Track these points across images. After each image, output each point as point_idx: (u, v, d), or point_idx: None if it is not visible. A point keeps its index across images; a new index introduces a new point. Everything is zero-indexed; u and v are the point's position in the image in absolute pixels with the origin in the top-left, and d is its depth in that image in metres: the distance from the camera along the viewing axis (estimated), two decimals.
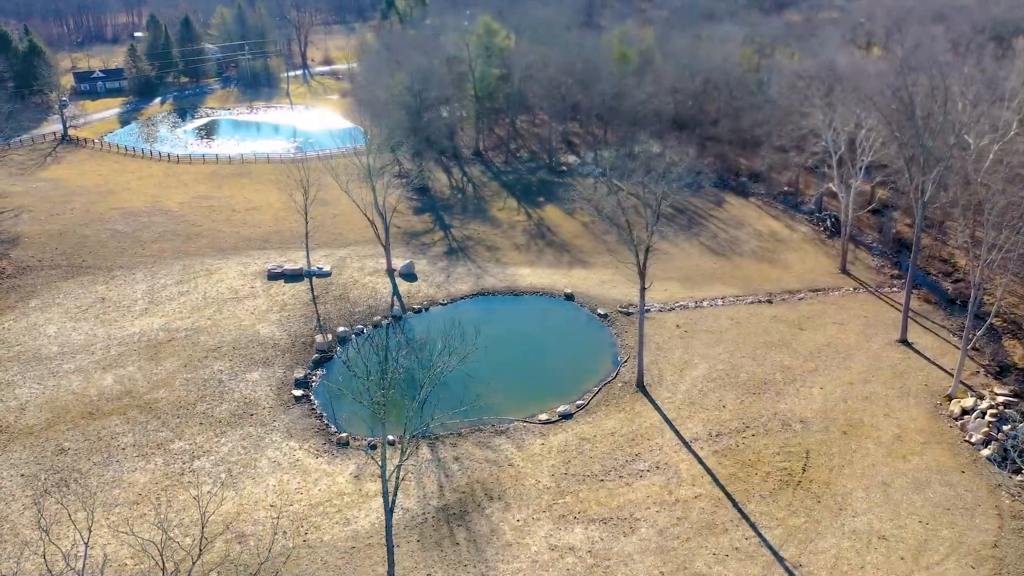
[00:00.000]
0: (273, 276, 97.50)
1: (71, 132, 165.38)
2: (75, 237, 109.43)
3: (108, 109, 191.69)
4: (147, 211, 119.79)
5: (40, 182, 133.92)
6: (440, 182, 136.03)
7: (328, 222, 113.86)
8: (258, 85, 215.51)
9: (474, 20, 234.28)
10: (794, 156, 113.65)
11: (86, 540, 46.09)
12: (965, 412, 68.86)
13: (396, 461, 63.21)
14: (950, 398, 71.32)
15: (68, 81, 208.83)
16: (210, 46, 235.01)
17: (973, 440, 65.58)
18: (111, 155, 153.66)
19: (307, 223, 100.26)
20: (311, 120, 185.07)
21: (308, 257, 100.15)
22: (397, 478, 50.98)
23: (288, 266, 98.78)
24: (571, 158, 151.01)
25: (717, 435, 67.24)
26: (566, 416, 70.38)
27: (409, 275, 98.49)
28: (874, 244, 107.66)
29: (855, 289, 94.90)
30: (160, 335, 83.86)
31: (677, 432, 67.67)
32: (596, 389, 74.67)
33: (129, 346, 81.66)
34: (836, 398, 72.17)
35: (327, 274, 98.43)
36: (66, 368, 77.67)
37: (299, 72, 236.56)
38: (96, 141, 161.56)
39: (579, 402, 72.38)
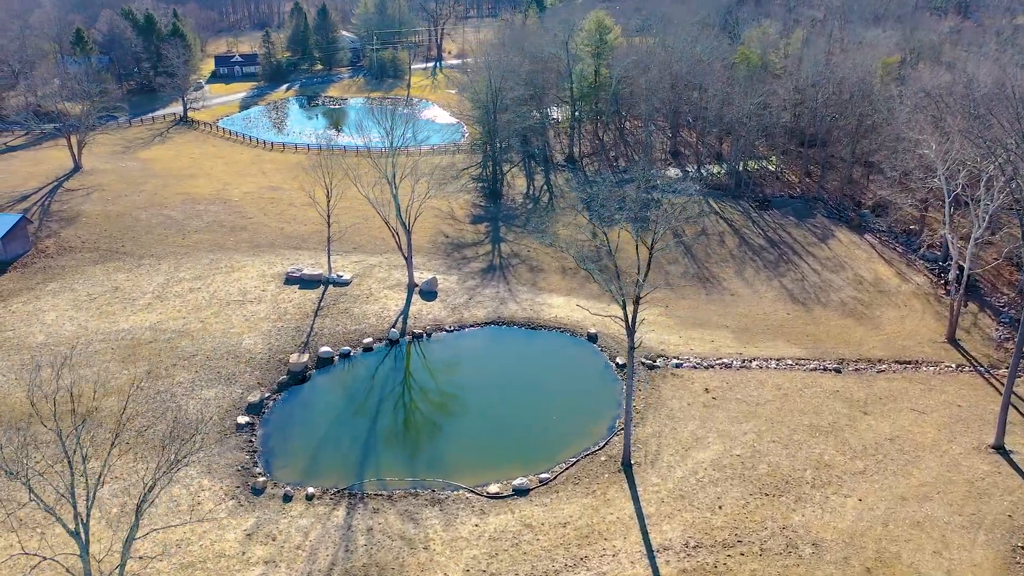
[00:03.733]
0: (290, 280, 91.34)
1: (190, 114, 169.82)
2: (128, 220, 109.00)
3: (235, 93, 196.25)
4: (208, 199, 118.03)
5: (132, 162, 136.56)
6: (515, 188, 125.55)
7: (373, 224, 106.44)
8: (384, 76, 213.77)
9: (619, 15, 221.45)
10: (898, 193, 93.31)
11: None
12: None
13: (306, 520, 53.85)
14: None
15: (209, 66, 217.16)
16: (347, 34, 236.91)
17: None
18: (214, 139, 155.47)
19: (329, 227, 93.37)
20: (421, 114, 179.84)
21: (329, 263, 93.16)
22: None
23: (308, 271, 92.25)
24: (673, 171, 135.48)
25: (695, 547, 52.67)
26: (520, 492, 58.19)
27: (429, 293, 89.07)
28: (1005, 309, 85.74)
29: (958, 367, 74.97)
30: (145, 335, 79.54)
31: (646, 535, 53.74)
32: (573, 460, 61.77)
33: (110, 343, 77.81)
34: (875, 517, 55.11)
35: (346, 283, 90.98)
36: (38, 361, 74.72)
37: (430, 64, 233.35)
38: (207, 124, 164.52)
39: (544, 475, 59.88)
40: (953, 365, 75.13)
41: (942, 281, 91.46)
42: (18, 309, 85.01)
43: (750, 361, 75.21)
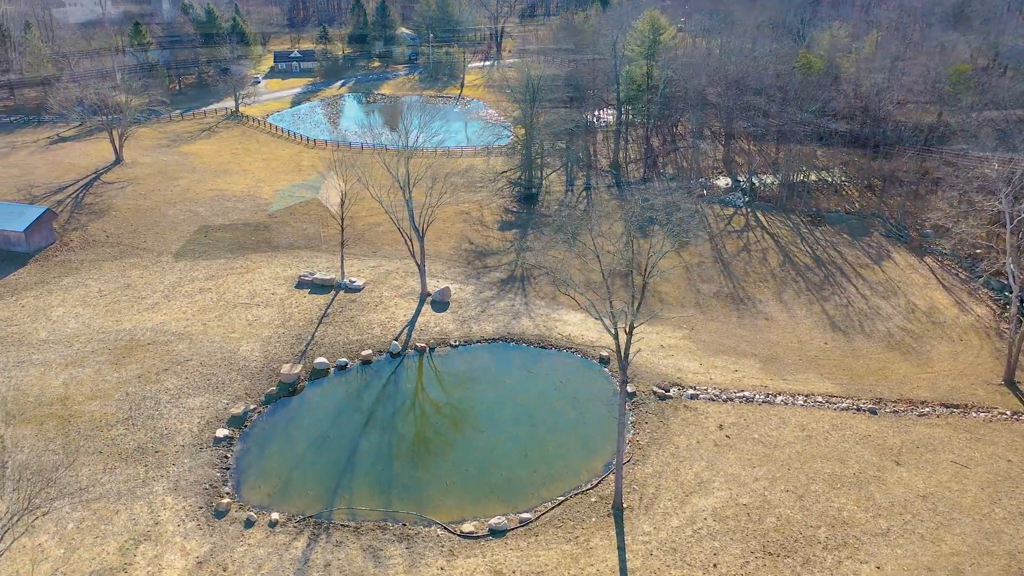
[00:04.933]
0: (302, 284, 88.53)
1: (242, 109, 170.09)
2: (154, 216, 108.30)
3: (289, 89, 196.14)
4: (238, 196, 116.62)
5: (173, 156, 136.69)
6: (552, 195, 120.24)
7: (395, 227, 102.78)
8: (439, 74, 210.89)
9: (680, 15, 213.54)
10: (961, 214, 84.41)
11: None
12: None
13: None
14: None
15: (270, 62, 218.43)
16: (406, 32, 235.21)
17: None
18: (260, 134, 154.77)
19: (343, 230, 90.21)
20: (465, 114, 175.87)
21: (342, 267, 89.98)
22: None
23: (320, 275, 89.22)
24: (722, 181, 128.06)
25: None
26: (497, 533, 53.34)
27: (441, 303, 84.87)
28: None
29: (1014, 414, 66.50)
30: (145, 335, 77.65)
31: None
32: (560, 499, 56.55)
33: (108, 343, 76.12)
34: None
35: (358, 289, 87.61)
36: (35, 359, 73.59)
37: (488, 63, 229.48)
38: (256, 120, 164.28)
39: (525, 514, 54.87)
40: (1008, 412, 66.67)
41: (1004, 314, 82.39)
42: (28, 303, 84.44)
43: (774, 396, 68.38)
